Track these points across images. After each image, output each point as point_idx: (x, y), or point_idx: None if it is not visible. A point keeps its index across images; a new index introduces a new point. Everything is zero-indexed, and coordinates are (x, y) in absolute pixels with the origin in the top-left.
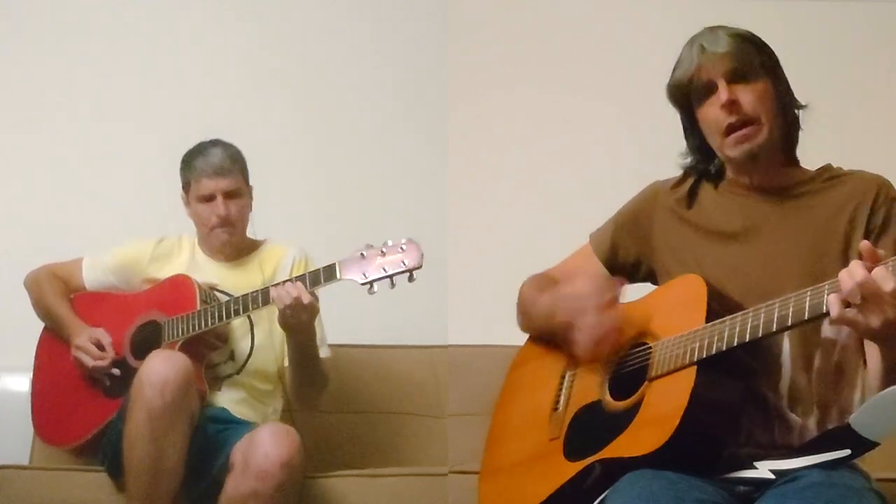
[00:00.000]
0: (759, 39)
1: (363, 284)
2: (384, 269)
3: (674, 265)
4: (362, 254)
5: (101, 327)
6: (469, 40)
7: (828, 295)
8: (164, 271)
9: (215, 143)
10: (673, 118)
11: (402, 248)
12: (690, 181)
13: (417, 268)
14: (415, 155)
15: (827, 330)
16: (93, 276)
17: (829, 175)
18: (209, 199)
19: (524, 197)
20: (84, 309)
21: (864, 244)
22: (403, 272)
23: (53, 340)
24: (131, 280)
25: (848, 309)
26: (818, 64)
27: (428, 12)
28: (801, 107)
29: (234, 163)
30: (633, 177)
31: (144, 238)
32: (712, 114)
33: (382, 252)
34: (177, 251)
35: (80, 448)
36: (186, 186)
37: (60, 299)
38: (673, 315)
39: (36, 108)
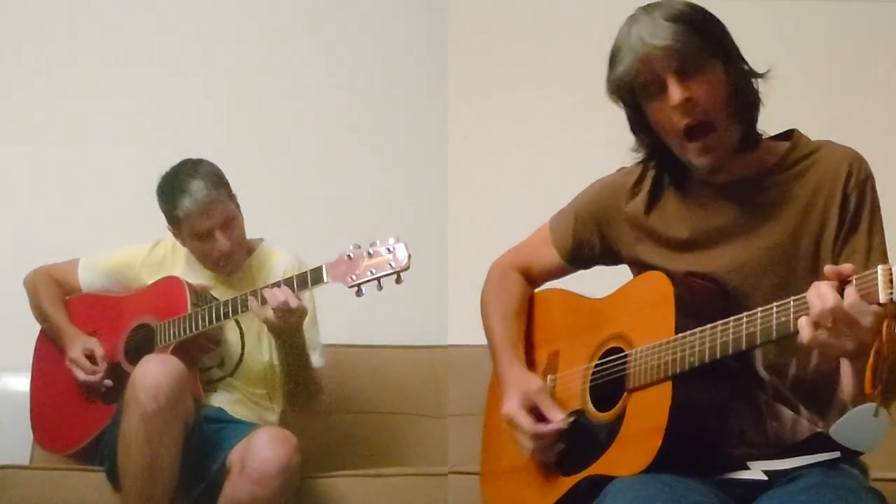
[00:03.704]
0: (700, 13)
1: (350, 287)
2: (371, 272)
3: (642, 268)
4: (349, 255)
5: (95, 332)
6: (469, 41)
7: (794, 314)
8: (157, 277)
9: (192, 171)
10: None
11: (389, 248)
12: (650, 177)
13: (405, 269)
14: (415, 155)
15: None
16: (88, 277)
17: (795, 156)
18: (206, 237)
19: (524, 197)
20: (79, 312)
21: (828, 269)
22: (390, 274)
23: (49, 344)
24: (124, 284)
25: (819, 331)
26: (818, 64)
27: (428, 13)
28: (758, 76)
29: (218, 188)
30: None
31: (140, 242)
32: (665, 115)
33: (369, 253)
34: (171, 258)
35: (78, 454)
36: (174, 221)
37: (56, 304)
38: (642, 317)
39: (33, 115)
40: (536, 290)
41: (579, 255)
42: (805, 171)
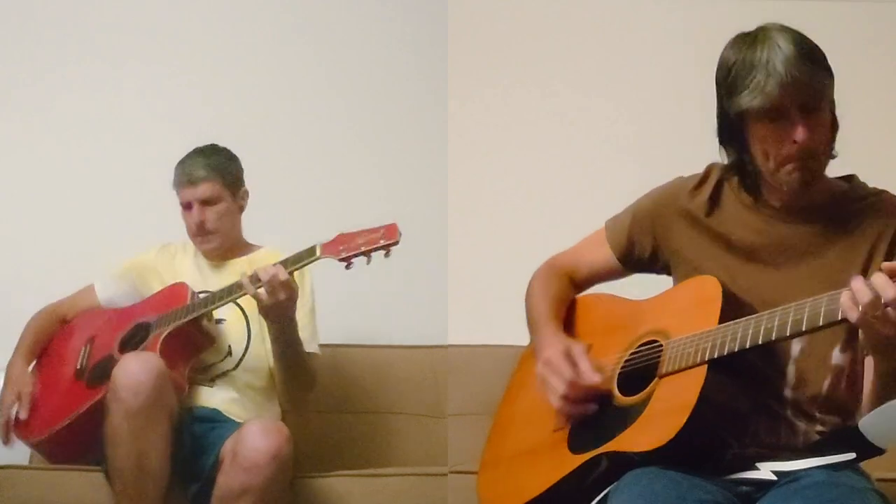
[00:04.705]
0: (823, 54)
1: (340, 261)
2: (361, 247)
3: (690, 271)
4: (343, 234)
5: (92, 337)
6: (469, 40)
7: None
8: (170, 272)
9: (201, 150)
10: (674, 118)
11: (381, 228)
12: (712, 182)
13: (394, 244)
14: (415, 155)
15: (836, 357)
16: (106, 293)
17: (855, 196)
18: (188, 207)
19: (524, 196)
20: (78, 327)
21: (887, 265)
22: (380, 248)
23: (48, 350)
24: (139, 284)
25: (865, 314)
26: None
27: (428, 13)
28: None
29: (212, 170)
30: (633, 176)
31: (140, 243)
32: (774, 140)
33: (362, 232)
34: (181, 254)
35: (52, 439)
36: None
37: (22, 355)
38: (685, 315)
39: (34, 116)
40: (577, 296)
41: (630, 255)
42: (863, 210)
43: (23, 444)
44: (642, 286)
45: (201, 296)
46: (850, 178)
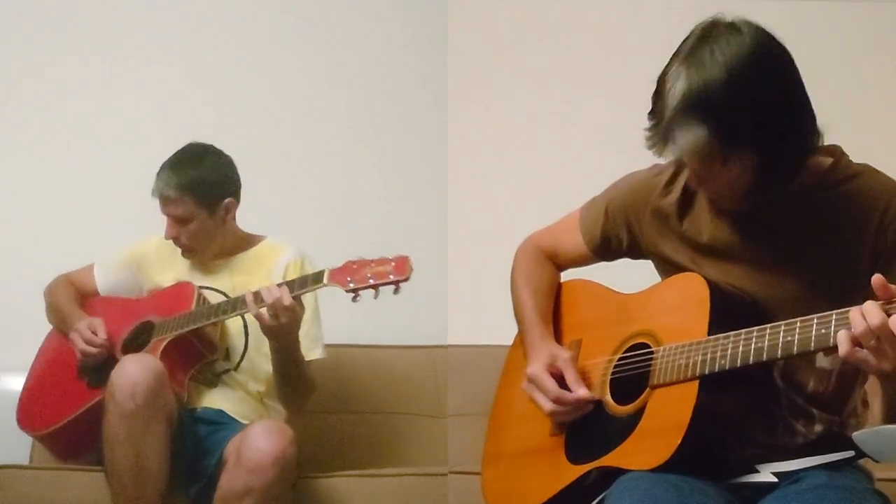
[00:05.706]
0: (749, 82)
1: (348, 292)
2: (370, 280)
3: (671, 269)
4: (353, 262)
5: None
6: (469, 40)
7: (835, 327)
8: (170, 264)
9: (177, 160)
10: None
11: (392, 261)
12: (683, 179)
13: (404, 280)
14: (415, 156)
15: (821, 360)
16: (104, 277)
17: (834, 178)
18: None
19: (524, 197)
20: (92, 313)
21: (877, 279)
22: (389, 284)
23: (54, 337)
24: (139, 276)
25: (857, 348)
26: (818, 64)
27: (428, 13)
28: (808, 147)
29: (183, 190)
30: None
31: (150, 236)
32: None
33: (372, 263)
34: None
35: (53, 435)
36: None
37: (70, 301)
38: (674, 316)
39: (33, 116)
40: (564, 281)
41: (606, 249)
42: (842, 196)
43: (22, 444)
44: (628, 277)
45: (206, 292)
46: (832, 151)
